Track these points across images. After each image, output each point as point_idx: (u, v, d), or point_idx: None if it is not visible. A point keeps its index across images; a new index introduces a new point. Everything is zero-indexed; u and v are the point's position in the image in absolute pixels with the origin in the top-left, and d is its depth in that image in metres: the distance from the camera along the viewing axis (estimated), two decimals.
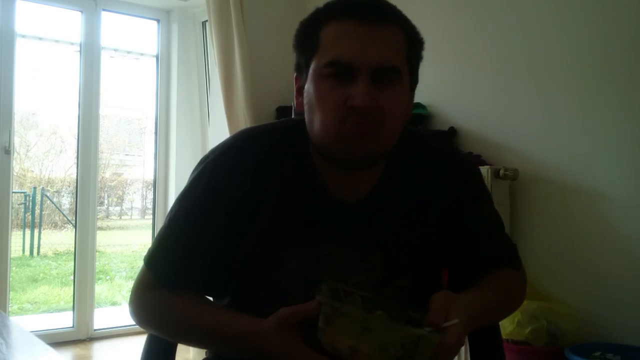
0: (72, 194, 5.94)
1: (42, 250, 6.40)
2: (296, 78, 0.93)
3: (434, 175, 0.95)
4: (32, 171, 6.57)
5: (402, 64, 0.85)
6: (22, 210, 6.19)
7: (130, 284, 6.08)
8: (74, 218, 3.45)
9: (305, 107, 0.88)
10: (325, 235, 0.89)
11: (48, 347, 0.98)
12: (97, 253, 3.50)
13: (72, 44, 3.90)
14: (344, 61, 0.82)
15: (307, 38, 0.88)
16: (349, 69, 0.82)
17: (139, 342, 1.03)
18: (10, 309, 3.22)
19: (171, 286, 0.88)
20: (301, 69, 0.90)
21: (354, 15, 0.83)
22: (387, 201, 0.93)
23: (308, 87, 0.87)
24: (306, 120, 0.88)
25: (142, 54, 4.34)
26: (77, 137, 3.25)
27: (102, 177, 6.54)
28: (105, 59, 3.34)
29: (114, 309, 4.91)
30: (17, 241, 5.91)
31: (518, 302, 1.01)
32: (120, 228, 7.45)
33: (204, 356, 1.01)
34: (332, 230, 0.90)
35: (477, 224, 0.97)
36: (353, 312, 0.73)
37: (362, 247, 0.90)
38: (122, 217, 7.66)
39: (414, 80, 0.91)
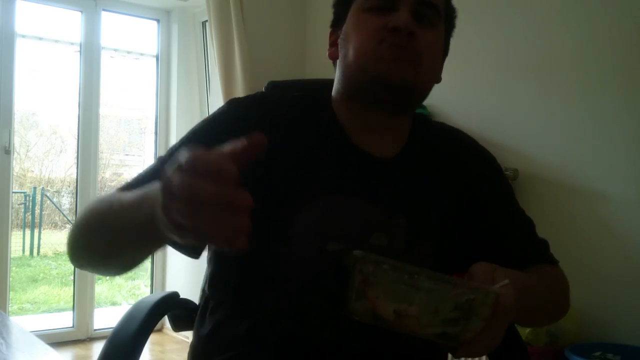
0: (72, 194, 5.94)
1: (42, 250, 6.40)
2: (330, 34, 0.91)
3: (462, 152, 0.95)
4: (32, 171, 6.57)
5: (441, 9, 0.87)
6: (22, 210, 6.19)
7: (130, 284, 6.05)
8: (74, 218, 3.45)
9: (340, 45, 0.87)
10: (349, 187, 0.83)
11: (48, 347, 0.98)
12: None
13: (72, 44, 3.90)
14: None
15: None
16: (391, 1, 0.82)
17: None
18: (10, 309, 3.22)
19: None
20: (338, 20, 0.89)
21: None
22: (417, 163, 0.89)
23: (346, 25, 0.87)
24: (339, 58, 0.87)
25: (142, 54, 4.33)
26: (77, 137, 3.25)
27: (102, 177, 6.54)
28: (105, 59, 3.35)
29: (114, 309, 4.91)
30: (17, 241, 5.91)
31: (565, 298, 0.95)
32: None
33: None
34: (357, 183, 0.84)
35: (511, 216, 0.95)
36: (399, 268, 0.63)
37: (387, 205, 0.84)
38: None
39: (447, 45, 0.92)
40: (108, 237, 0.73)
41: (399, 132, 0.90)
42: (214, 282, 0.88)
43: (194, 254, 0.80)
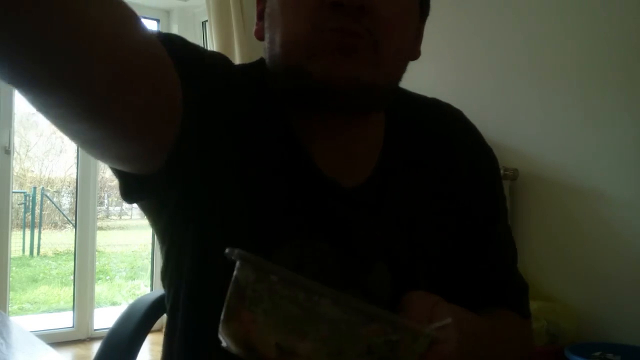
0: (72, 194, 5.94)
1: (42, 250, 6.40)
2: (257, 1, 0.66)
3: (459, 147, 0.70)
4: (32, 171, 6.57)
5: None
6: (22, 210, 6.19)
7: (130, 284, 6.06)
8: (74, 218, 3.45)
9: (266, 22, 0.62)
10: (316, 229, 0.62)
11: (48, 347, 0.98)
12: (97, 253, 3.51)
13: None
14: None
15: None
16: None
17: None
18: (10, 309, 3.22)
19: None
20: None
21: None
22: (394, 187, 0.66)
23: (269, 1, 0.62)
24: (266, 41, 0.63)
25: None
26: None
27: (102, 177, 6.54)
28: None
29: (114, 309, 4.91)
30: (17, 241, 5.91)
31: (525, 356, 0.73)
32: (120, 228, 7.45)
33: None
34: (325, 223, 0.62)
35: (493, 238, 0.71)
36: (294, 282, 0.42)
37: (363, 253, 0.63)
38: (122, 217, 7.66)
39: (423, 10, 0.67)
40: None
41: (368, 143, 0.66)
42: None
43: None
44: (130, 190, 0.62)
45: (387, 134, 0.67)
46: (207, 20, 2.99)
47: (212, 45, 2.89)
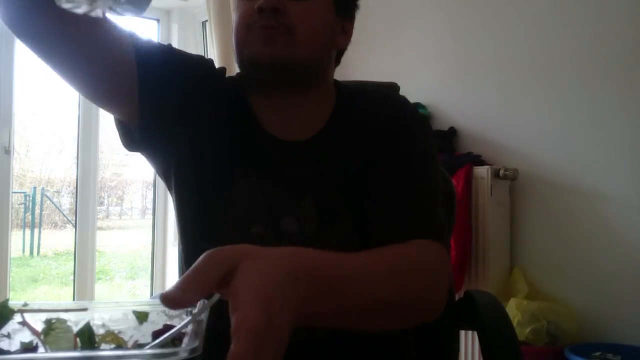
0: (72, 194, 5.94)
1: (42, 250, 6.40)
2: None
3: (379, 121, 0.89)
4: (32, 171, 6.57)
5: None
6: (22, 210, 6.19)
7: (130, 284, 6.06)
8: (74, 218, 3.45)
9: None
10: (259, 171, 0.85)
11: None
12: (97, 253, 3.50)
13: None
14: None
15: None
16: None
17: None
18: None
19: None
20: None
21: None
22: (334, 143, 0.87)
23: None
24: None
25: None
26: (77, 137, 3.24)
27: (102, 177, 6.54)
28: None
29: None
30: (17, 241, 5.91)
31: (429, 287, 0.69)
32: (120, 228, 7.44)
33: None
34: (266, 167, 0.85)
35: (397, 180, 0.83)
36: None
37: (293, 188, 0.84)
38: (122, 217, 7.66)
39: (343, 7, 0.89)
40: None
41: (312, 113, 0.89)
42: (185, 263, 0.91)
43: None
44: (127, 142, 0.88)
45: (336, 109, 0.90)
46: (207, 20, 2.98)
47: (212, 45, 2.88)
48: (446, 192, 0.97)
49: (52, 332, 0.50)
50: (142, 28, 3.72)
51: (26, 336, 0.50)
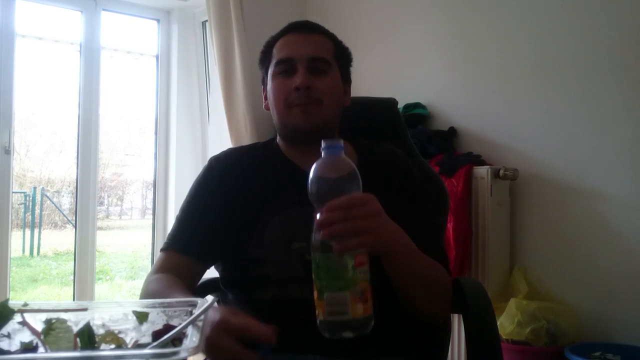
0: (72, 194, 5.94)
1: (42, 250, 6.39)
2: (263, 89, 1.29)
3: (393, 173, 1.22)
4: (32, 171, 6.56)
5: (330, 59, 1.20)
6: (22, 210, 6.18)
7: (130, 284, 6.06)
8: (74, 218, 3.45)
9: (269, 102, 1.24)
10: (299, 201, 1.07)
11: None
12: (97, 253, 3.50)
13: (72, 44, 3.89)
14: (286, 57, 1.19)
15: (265, 54, 1.27)
16: (290, 63, 1.18)
17: None
18: None
19: (172, 250, 1.17)
20: (264, 80, 1.26)
21: (294, 29, 1.24)
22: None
23: (268, 86, 1.23)
24: (271, 113, 1.23)
25: (142, 54, 4.33)
26: (77, 137, 3.24)
27: (102, 177, 6.54)
28: (105, 59, 3.34)
29: None
30: (17, 241, 5.91)
31: (444, 293, 1.10)
32: (120, 228, 7.43)
33: None
34: (305, 196, 0.96)
35: (413, 219, 1.12)
36: None
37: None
38: (122, 217, 7.65)
39: (345, 77, 1.26)
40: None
41: None
42: (223, 281, 1.23)
43: None
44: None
45: (359, 158, 1.23)
46: (207, 20, 2.98)
47: (212, 45, 2.88)
48: (437, 192, 1.38)
49: (52, 332, 0.50)
50: (141, 28, 3.72)
51: (26, 336, 0.50)
